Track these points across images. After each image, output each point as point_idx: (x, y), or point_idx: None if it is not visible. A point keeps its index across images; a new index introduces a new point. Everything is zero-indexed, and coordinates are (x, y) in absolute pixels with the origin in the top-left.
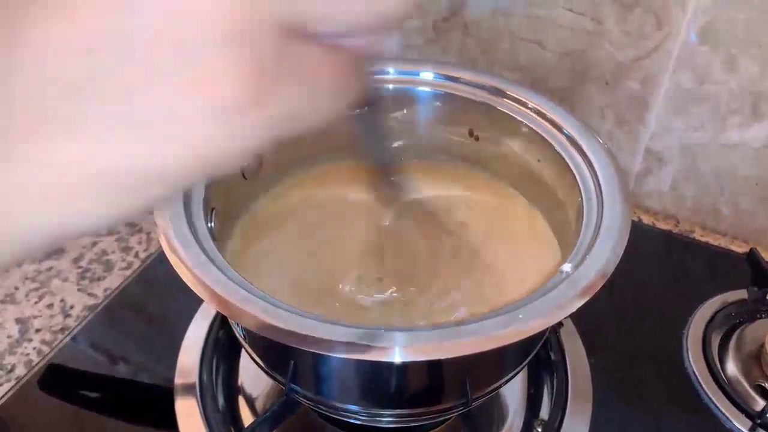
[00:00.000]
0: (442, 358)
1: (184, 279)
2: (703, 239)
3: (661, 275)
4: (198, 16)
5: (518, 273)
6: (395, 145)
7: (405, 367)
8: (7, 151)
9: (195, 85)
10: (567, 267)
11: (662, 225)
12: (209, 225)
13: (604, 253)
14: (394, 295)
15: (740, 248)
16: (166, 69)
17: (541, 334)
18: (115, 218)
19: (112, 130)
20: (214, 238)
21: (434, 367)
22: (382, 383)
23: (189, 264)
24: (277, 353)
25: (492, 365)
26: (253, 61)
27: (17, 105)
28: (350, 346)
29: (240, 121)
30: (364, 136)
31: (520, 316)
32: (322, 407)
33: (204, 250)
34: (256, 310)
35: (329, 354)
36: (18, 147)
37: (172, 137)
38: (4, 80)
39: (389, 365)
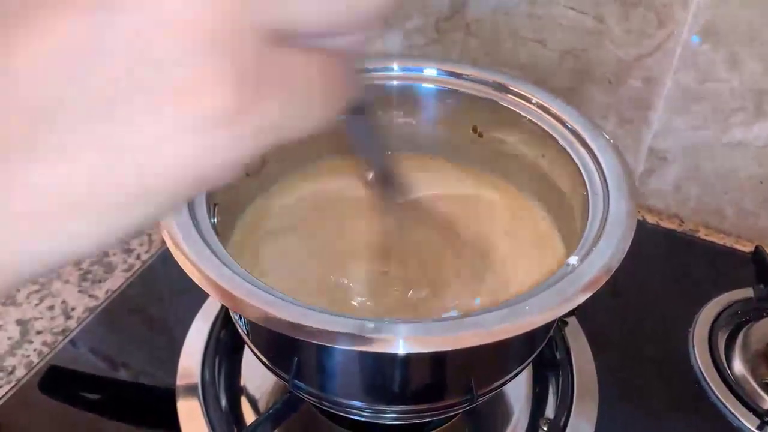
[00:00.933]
0: (445, 349)
1: (189, 274)
2: (707, 238)
3: (666, 274)
4: (178, 26)
5: (522, 269)
6: (396, 142)
7: (409, 360)
8: None
9: (177, 97)
10: (573, 260)
11: (666, 224)
12: (212, 220)
13: (608, 248)
14: (397, 290)
15: (745, 247)
16: (146, 82)
17: (546, 329)
18: (110, 239)
19: (95, 148)
20: (217, 233)
21: (438, 361)
22: (386, 378)
23: (193, 259)
24: (281, 349)
25: (497, 361)
26: (235, 70)
27: None
28: (354, 337)
29: (226, 132)
30: (356, 139)
31: (527, 308)
32: (325, 403)
33: (208, 245)
34: (261, 303)
35: (333, 345)
36: None
37: (157, 153)
38: None
39: (393, 358)
